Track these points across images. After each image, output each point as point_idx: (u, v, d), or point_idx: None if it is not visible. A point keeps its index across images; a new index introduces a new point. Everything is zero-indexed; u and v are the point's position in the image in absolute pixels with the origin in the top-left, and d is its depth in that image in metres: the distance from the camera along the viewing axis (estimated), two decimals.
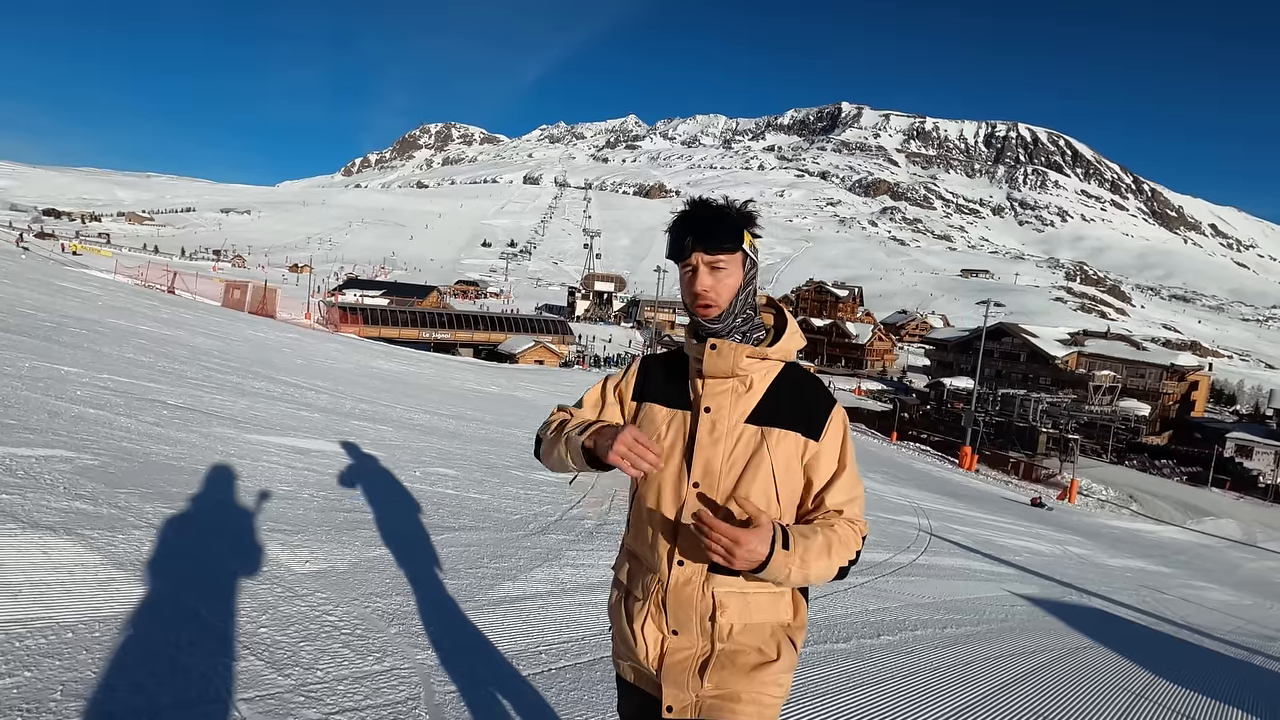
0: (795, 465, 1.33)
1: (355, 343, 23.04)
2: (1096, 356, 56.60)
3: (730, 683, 1.29)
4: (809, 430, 1.34)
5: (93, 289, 15.49)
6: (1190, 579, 11.80)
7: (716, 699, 1.29)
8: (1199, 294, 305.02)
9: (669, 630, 1.33)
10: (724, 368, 1.33)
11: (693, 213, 1.33)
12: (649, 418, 1.40)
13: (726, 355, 1.32)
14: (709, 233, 1.30)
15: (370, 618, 2.75)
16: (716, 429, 1.33)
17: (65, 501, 3.01)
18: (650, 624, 1.34)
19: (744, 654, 1.31)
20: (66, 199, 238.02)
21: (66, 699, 1.82)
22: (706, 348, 1.33)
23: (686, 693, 1.31)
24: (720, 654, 1.31)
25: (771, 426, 1.33)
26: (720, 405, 1.34)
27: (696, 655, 1.32)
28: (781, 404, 1.35)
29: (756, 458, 1.31)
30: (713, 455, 1.32)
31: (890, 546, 7.42)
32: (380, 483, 4.95)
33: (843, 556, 1.27)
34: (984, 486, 25.42)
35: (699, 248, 1.30)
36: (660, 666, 1.33)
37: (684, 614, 1.32)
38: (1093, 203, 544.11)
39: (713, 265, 1.31)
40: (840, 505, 1.34)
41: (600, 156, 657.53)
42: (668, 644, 1.33)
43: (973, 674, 3.93)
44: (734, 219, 1.32)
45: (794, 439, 1.33)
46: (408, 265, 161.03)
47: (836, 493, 1.35)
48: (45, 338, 7.21)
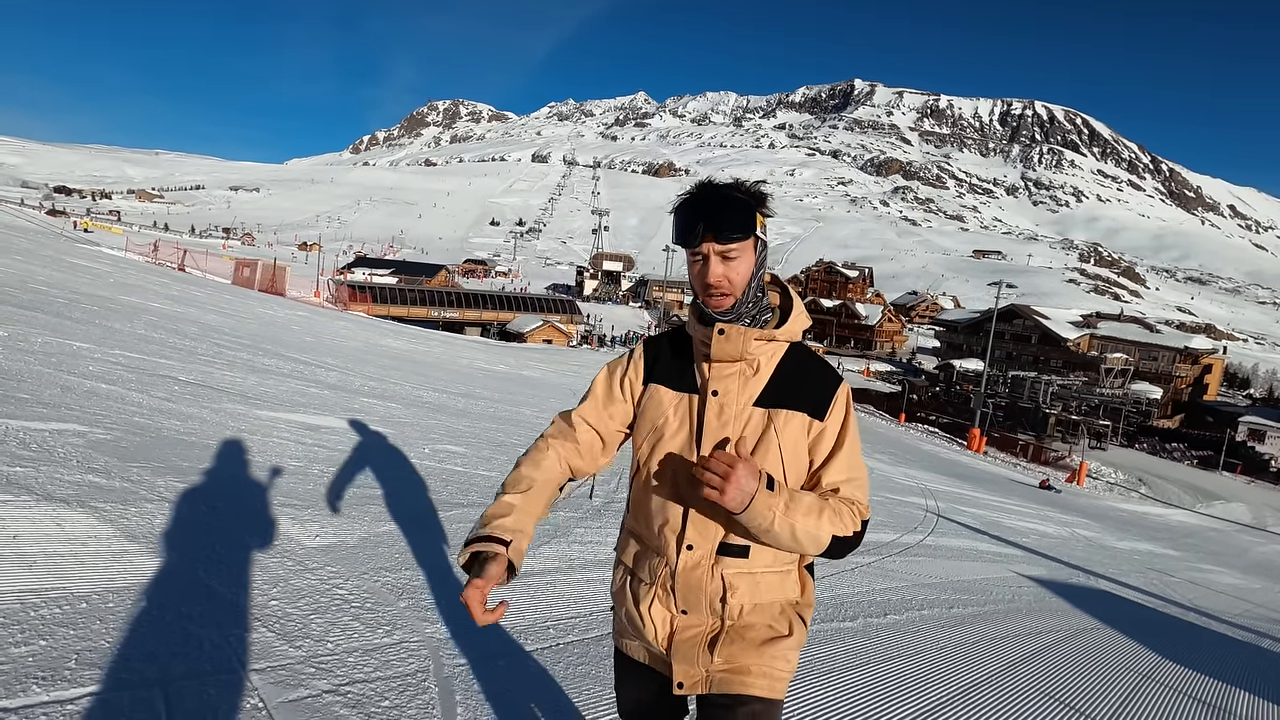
0: (802, 446, 1.32)
1: (364, 321, 23.12)
2: (1109, 339, 56.04)
3: (740, 656, 1.29)
4: (815, 410, 1.32)
5: (104, 266, 15.56)
6: (1199, 562, 11.77)
7: (726, 673, 1.29)
8: (1215, 276, 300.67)
9: (678, 610, 1.33)
10: (732, 353, 1.30)
11: (703, 197, 1.26)
12: (655, 401, 1.38)
13: (735, 340, 1.29)
14: (722, 220, 1.24)
15: (380, 591, 2.77)
16: (725, 412, 1.31)
17: (78, 475, 3.03)
18: (658, 605, 1.34)
19: (754, 629, 1.31)
20: (77, 176, 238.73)
21: (81, 667, 1.84)
22: (715, 333, 1.30)
23: (697, 668, 1.31)
24: (730, 629, 1.31)
25: (779, 408, 1.31)
26: (728, 389, 1.32)
27: (706, 631, 1.32)
28: (788, 385, 1.33)
29: (764, 440, 1.30)
30: (719, 438, 1.31)
31: (897, 527, 7.43)
32: (389, 459, 4.98)
33: (835, 526, 1.24)
34: (992, 468, 25.38)
35: (711, 236, 1.25)
36: (670, 645, 1.33)
37: (693, 596, 1.31)
38: (1109, 183, 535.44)
39: (725, 254, 1.26)
40: (836, 483, 1.32)
41: (609, 134, 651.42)
42: (677, 623, 1.33)
43: (979, 653, 3.94)
44: (747, 203, 1.26)
45: (800, 419, 1.31)
46: (416, 244, 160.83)
47: (833, 471, 1.33)
48: (57, 314, 7.25)
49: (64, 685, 1.76)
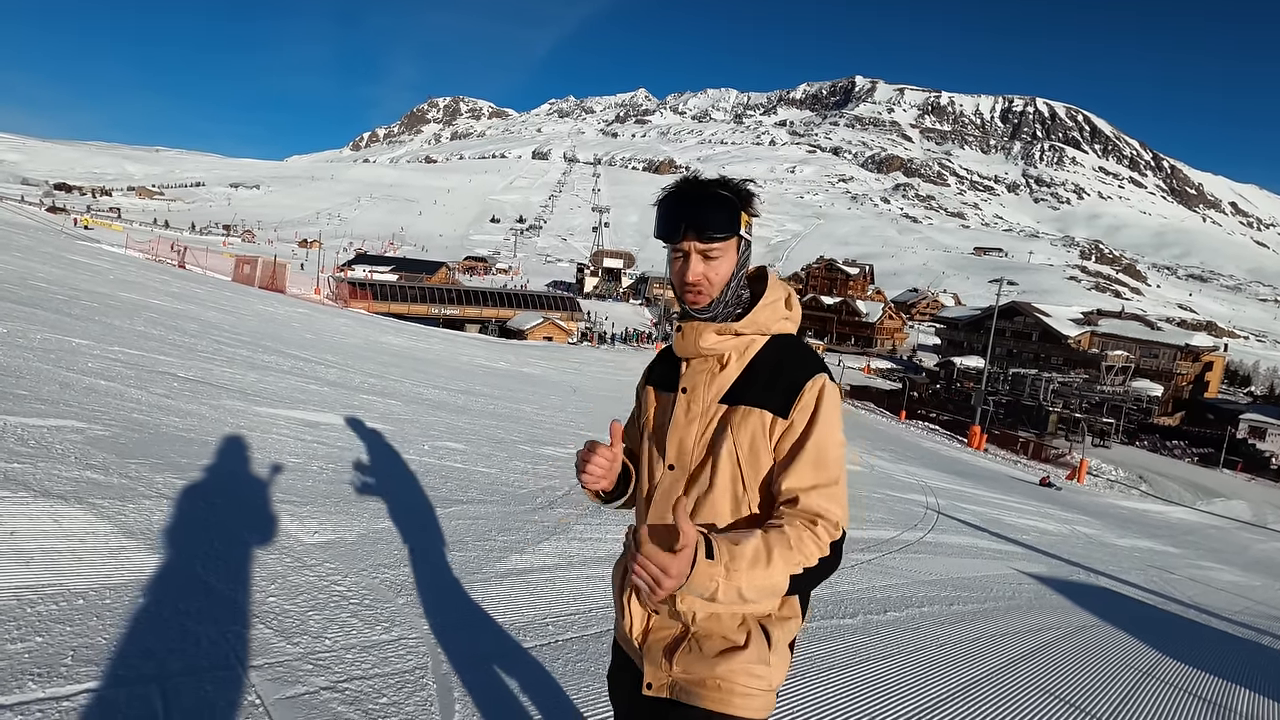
0: (761, 445, 1.24)
1: (364, 318, 23.10)
2: (1109, 336, 56.02)
3: (695, 668, 1.25)
4: (780, 406, 1.23)
5: (104, 263, 15.54)
6: (1199, 559, 11.76)
7: (687, 682, 1.26)
8: (1216, 273, 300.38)
9: (651, 609, 1.32)
10: (688, 349, 1.31)
11: (686, 193, 1.24)
12: (646, 402, 1.42)
13: (689, 336, 1.30)
14: (704, 220, 1.22)
15: (378, 588, 2.77)
16: (691, 409, 1.31)
17: (76, 471, 3.03)
18: (636, 599, 1.33)
19: (710, 640, 1.26)
20: (76, 173, 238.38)
21: (77, 664, 1.84)
22: (673, 330, 1.33)
23: (662, 672, 1.29)
24: (691, 638, 1.27)
25: (738, 404, 1.26)
26: (696, 384, 1.31)
27: (672, 636, 1.29)
28: (755, 380, 1.27)
29: (721, 437, 1.26)
30: (685, 435, 1.30)
31: (898, 524, 7.42)
32: (388, 456, 4.97)
33: (791, 564, 1.11)
34: (993, 466, 25.37)
35: (692, 235, 1.23)
36: (644, 643, 1.32)
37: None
38: (1110, 180, 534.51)
39: (706, 254, 1.24)
40: (795, 491, 1.19)
41: (610, 131, 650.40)
42: (652, 621, 1.32)
43: (979, 650, 3.94)
44: (731, 202, 1.23)
45: (759, 416, 1.24)
46: (416, 241, 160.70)
47: (793, 476, 1.20)
48: (57, 310, 7.24)
49: (60, 682, 1.76)
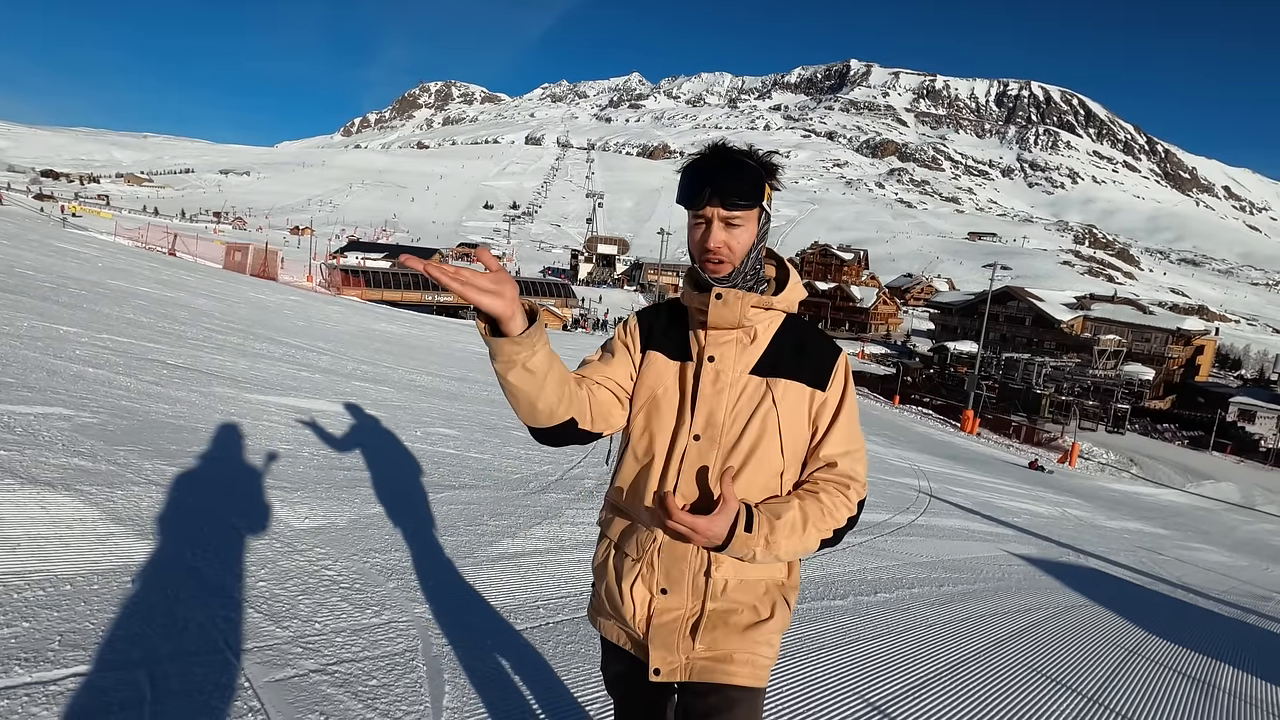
0: (802, 417, 1.30)
1: (357, 305, 22.99)
2: (1102, 320, 56.31)
3: (723, 643, 1.26)
4: (815, 380, 1.31)
5: (92, 250, 15.40)
6: (1187, 540, 11.90)
7: (709, 660, 1.26)
8: (1209, 257, 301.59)
9: (658, 590, 1.29)
10: (730, 318, 1.27)
11: (714, 160, 1.24)
12: (651, 366, 1.34)
13: (733, 305, 1.26)
14: (729, 187, 1.22)
15: (369, 573, 2.77)
16: (720, 379, 1.28)
17: (64, 458, 3.01)
18: (640, 584, 1.30)
19: (737, 613, 1.27)
20: (64, 160, 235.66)
21: (64, 649, 1.83)
22: (711, 298, 1.27)
23: (676, 655, 1.27)
24: (712, 614, 1.27)
25: (777, 377, 1.29)
26: (725, 355, 1.29)
27: (686, 616, 1.28)
28: (786, 354, 1.31)
29: (762, 409, 1.27)
30: (715, 406, 1.28)
31: (890, 507, 7.47)
32: (381, 442, 4.97)
33: (824, 528, 1.24)
34: (985, 450, 25.53)
35: (716, 202, 1.22)
36: (647, 629, 1.29)
37: (676, 570, 1.27)
38: (1104, 164, 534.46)
39: (728, 221, 1.24)
40: (834, 457, 1.31)
41: (603, 116, 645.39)
42: (655, 604, 1.29)
43: (968, 630, 3.98)
44: (757, 172, 1.24)
45: (800, 389, 1.29)
46: (409, 227, 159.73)
47: (831, 444, 1.31)
48: (44, 298, 7.17)
49: (47, 666, 1.75)
